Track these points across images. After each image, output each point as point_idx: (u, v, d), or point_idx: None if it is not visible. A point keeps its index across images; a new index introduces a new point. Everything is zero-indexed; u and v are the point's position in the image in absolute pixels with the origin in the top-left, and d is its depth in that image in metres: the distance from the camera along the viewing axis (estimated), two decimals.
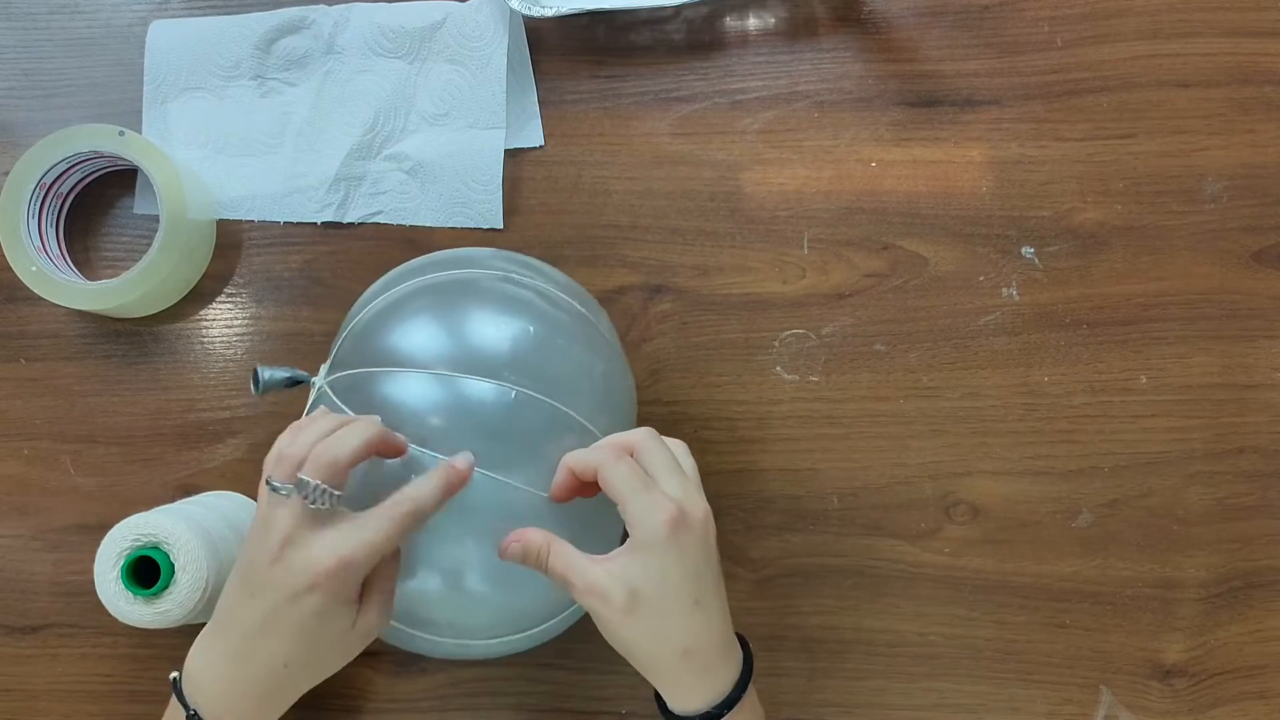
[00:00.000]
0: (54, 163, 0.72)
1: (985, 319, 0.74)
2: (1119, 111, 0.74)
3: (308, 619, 0.53)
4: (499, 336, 0.59)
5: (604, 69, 0.76)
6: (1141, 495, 0.73)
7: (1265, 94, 0.74)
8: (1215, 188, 0.74)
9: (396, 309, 0.61)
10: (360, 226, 0.76)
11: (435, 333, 0.60)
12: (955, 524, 0.73)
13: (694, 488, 0.55)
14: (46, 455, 0.76)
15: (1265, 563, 0.73)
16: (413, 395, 0.57)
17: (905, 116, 0.75)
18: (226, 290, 0.77)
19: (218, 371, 0.76)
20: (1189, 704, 0.72)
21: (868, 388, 0.74)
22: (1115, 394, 0.73)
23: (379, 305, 0.62)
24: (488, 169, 0.75)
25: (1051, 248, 0.74)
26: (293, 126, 0.77)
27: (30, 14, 0.79)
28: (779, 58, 0.76)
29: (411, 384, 0.58)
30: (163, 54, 0.77)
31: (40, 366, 0.77)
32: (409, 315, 0.61)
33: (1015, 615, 0.73)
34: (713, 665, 0.55)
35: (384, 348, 0.59)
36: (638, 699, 0.73)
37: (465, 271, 0.63)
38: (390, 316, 0.61)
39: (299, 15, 0.76)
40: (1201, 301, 0.73)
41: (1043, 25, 0.75)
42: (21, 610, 0.76)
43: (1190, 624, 0.73)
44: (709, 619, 0.55)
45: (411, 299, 0.62)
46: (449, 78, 0.76)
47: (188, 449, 0.76)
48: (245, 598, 0.54)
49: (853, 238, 0.74)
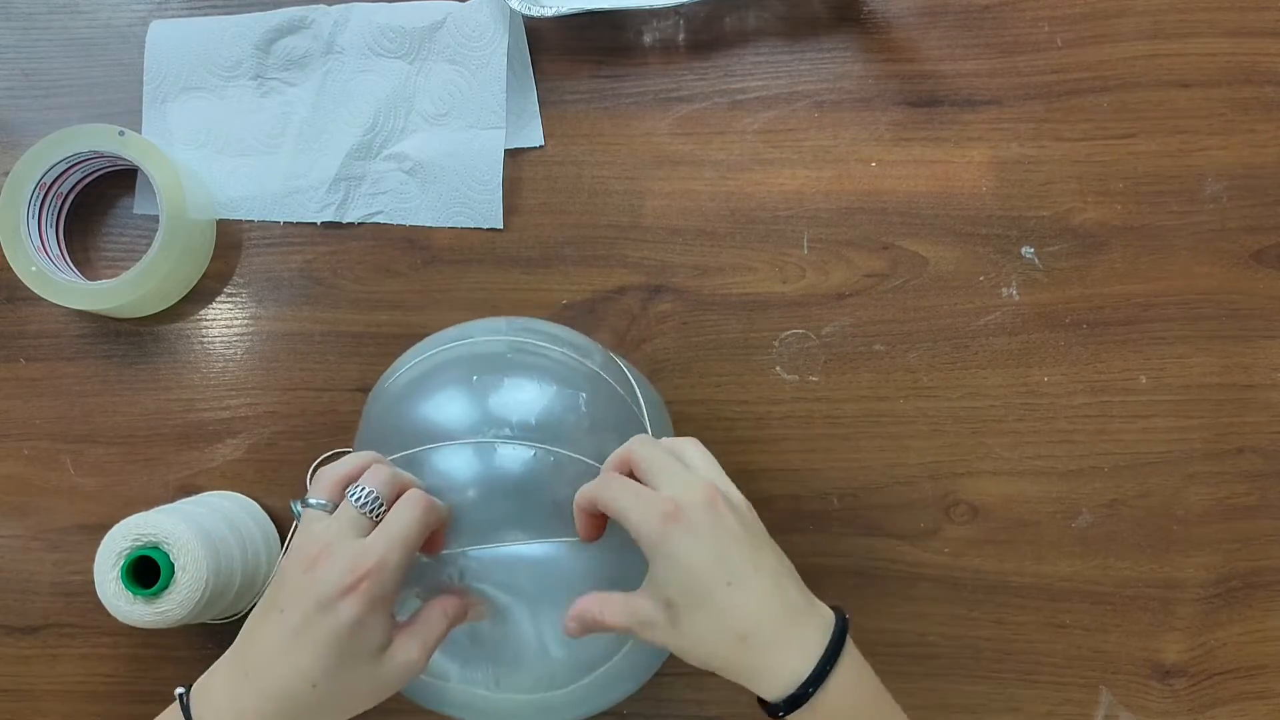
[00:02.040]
0: (54, 163, 0.72)
1: (985, 319, 0.74)
2: (1119, 111, 0.74)
3: (341, 629, 0.50)
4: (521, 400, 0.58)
5: (604, 69, 0.76)
6: (1141, 495, 0.73)
7: (1265, 94, 0.74)
8: (1215, 188, 0.74)
9: (415, 388, 0.60)
10: (360, 226, 0.76)
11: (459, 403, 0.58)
12: (955, 524, 0.73)
13: (696, 476, 0.53)
14: (46, 455, 0.76)
15: (1265, 563, 0.73)
16: (447, 468, 0.56)
17: (905, 116, 0.75)
18: (226, 290, 0.77)
19: (218, 371, 0.76)
20: (1189, 704, 0.72)
21: (868, 388, 0.74)
22: (1115, 394, 0.73)
23: (393, 389, 0.61)
24: (488, 169, 0.75)
25: (1051, 248, 0.74)
26: (293, 126, 0.77)
27: (30, 14, 0.79)
28: (779, 58, 0.76)
29: (441, 458, 0.56)
30: (162, 54, 0.77)
31: (40, 366, 0.77)
32: (429, 392, 0.59)
33: (1015, 615, 0.73)
34: (780, 640, 0.51)
35: (407, 428, 0.58)
36: (640, 699, 0.73)
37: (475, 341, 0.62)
38: (408, 397, 0.60)
39: (299, 15, 0.76)
40: (1201, 301, 0.73)
41: (1043, 25, 0.75)
42: (21, 610, 0.76)
43: (1190, 624, 0.73)
44: (752, 595, 0.51)
45: (431, 375, 0.61)
46: (449, 78, 0.76)
47: (188, 449, 0.76)
48: (273, 613, 0.51)
49: (853, 238, 0.74)
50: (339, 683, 0.51)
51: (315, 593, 0.50)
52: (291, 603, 0.51)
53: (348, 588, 0.50)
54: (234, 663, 0.53)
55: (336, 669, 0.51)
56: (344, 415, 0.75)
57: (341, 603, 0.50)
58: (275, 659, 0.51)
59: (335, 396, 0.75)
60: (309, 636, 0.50)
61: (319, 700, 0.51)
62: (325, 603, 0.50)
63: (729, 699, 0.73)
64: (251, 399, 0.76)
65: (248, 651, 0.52)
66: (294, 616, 0.51)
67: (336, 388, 0.75)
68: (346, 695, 0.52)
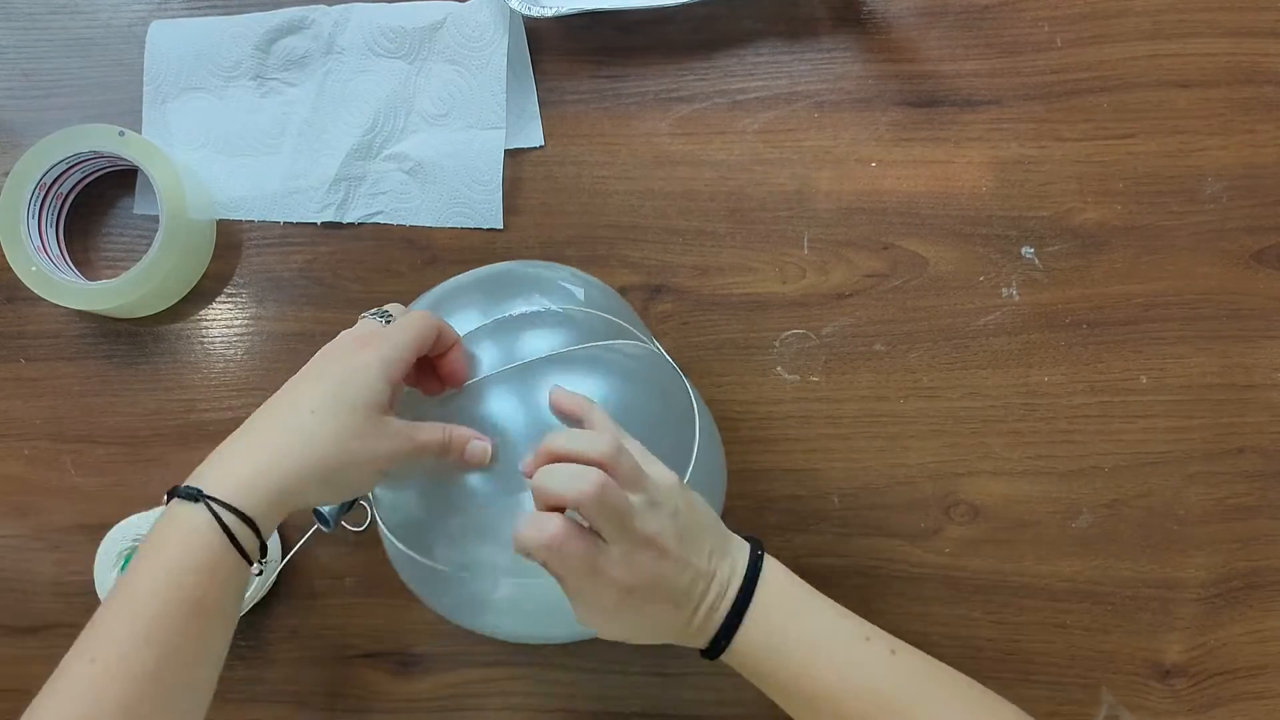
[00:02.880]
0: (54, 163, 0.72)
1: (985, 319, 0.74)
2: (1119, 111, 0.74)
3: (346, 367, 0.53)
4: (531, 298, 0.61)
5: (604, 69, 0.76)
6: (1141, 495, 0.73)
7: (1265, 94, 0.74)
8: (1215, 188, 0.74)
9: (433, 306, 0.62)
10: (360, 226, 0.76)
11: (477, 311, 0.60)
12: (955, 524, 0.73)
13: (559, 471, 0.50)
14: (46, 455, 0.76)
15: (1265, 563, 0.73)
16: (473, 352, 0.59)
17: (905, 116, 0.75)
18: (226, 290, 0.77)
19: (218, 371, 0.76)
20: (1189, 704, 0.72)
21: (868, 388, 0.74)
22: (1115, 394, 0.73)
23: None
24: (488, 169, 0.75)
25: (1051, 248, 0.74)
26: (293, 126, 0.77)
27: (30, 14, 0.79)
28: (779, 58, 0.76)
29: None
30: (163, 54, 0.77)
31: (40, 366, 0.77)
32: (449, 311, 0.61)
33: (1016, 615, 0.73)
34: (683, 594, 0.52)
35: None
36: (642, 699, 0.73)
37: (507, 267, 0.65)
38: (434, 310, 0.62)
39: (299, 15, 0.76)
40: (1201, 301, 0.73)
41: (1043, 25, 0.75)
42: (21, 610, 0.76)
43: (1190, 624, 0.73)
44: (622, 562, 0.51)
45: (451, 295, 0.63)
46: (449, 78, 0.76)
47: (188, 449, 0.76)
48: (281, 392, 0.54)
49: (853, 238, 0.74)
50: (335, 418, 0.52)
51: (324, 354, 0.55)
52: (305, 373, 0.54)
53: (356, 346, 0.54)
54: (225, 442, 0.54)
55: (331, 403, 0.52)
56: None
57: (345, 354, 0.54)
58: (279, 401, 0.54)
59: None
60: (312, 377, 0.54)
61: (317, 431, 0.52)
62: (331, 358, 0.54)
63: (738, 699, 0.73)
64: (252, 399, 0.76)
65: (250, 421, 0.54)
66: (300, 374, 0.54)
67: None
68: (343, 434, 0.52)
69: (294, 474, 0.52)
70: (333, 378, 0.53)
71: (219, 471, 0.52)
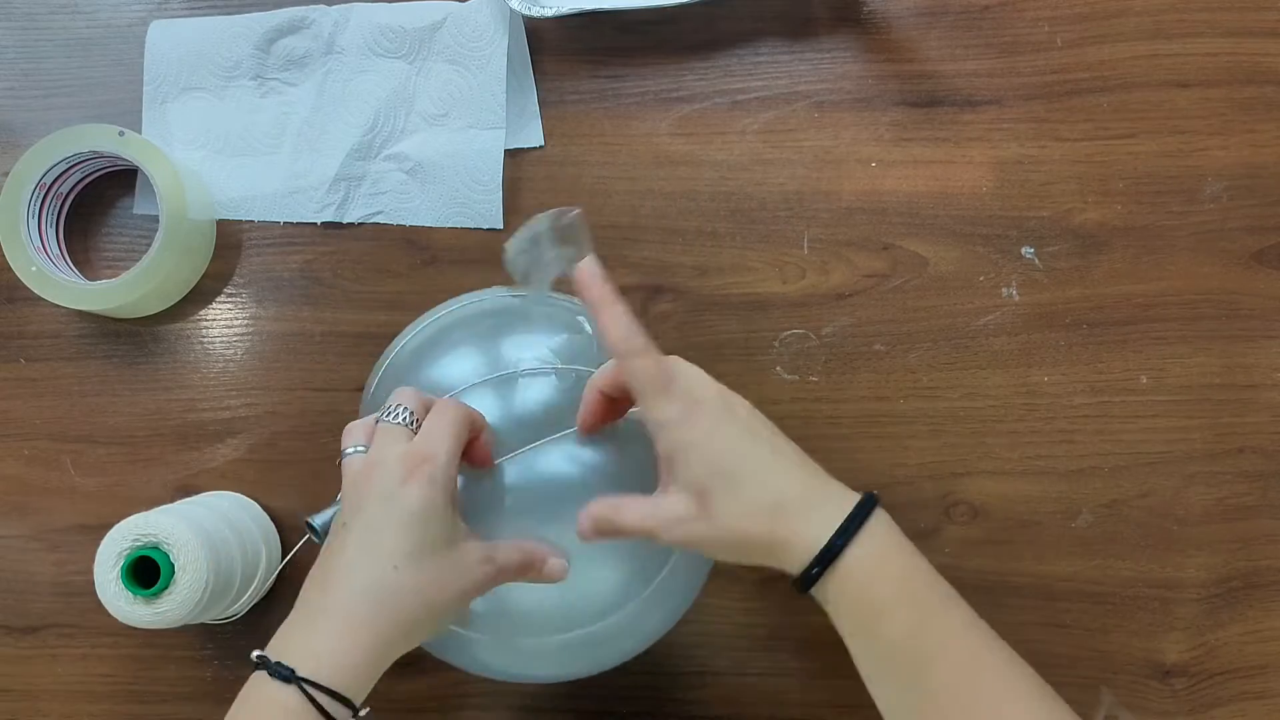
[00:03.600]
0: (54, 163, 0.72)
1: (985, 319, 0.74)
2: (1119, 111, 0.74)
3: (409, 512, 0.50)
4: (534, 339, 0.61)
5: (604, 69, 0.76)
6: (1141, 495, 0.73)
7: (1265, 94, 0.74)
8: (1215, 188, 0.74)
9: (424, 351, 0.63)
10: (360, 226, 0.76)
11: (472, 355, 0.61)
12: (955, 524, 0.73)
13: (700, 375, 0.55)
14: (46, 455, 0.76)
15: (1265, 563, 0.73)
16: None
17: (905, 116, 0.75)
18: (226, 290, 0.77)
19: (218, 371, 0.76)
20: (1189, 704, 0.72)
21: (868, 388, 0.74)
22: (1115, 394, 0.73)
23: (400, 357, 0.64)
24: (488, 169, 0.75)
25: (1051, 248, 0.74)
26: (293, 126, 0.77)
27: (30, 14, 0.79)
28: (779, 58, 0.76)
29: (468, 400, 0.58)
30: (162, 54, 0.77)
31: (40, 366, 0.77)
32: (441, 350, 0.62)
33: (1015, 615, 0.73)
34: (809, 508, 0.52)
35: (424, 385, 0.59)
36: (643, 699, 0.73)
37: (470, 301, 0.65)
38: (419, 360, 0.62)
39: (299, 15, 0.76)
40: (1201, 301, 0.73)
41: (1043, 25, 0.75)
42: (21, 610, 0.76)
43: (1190, 624, 0.73)
44: (781, 468, 0.53)
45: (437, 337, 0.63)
46: (449, 78, 0.76)
47: (188, 449, 0.76)
48: (339, 535, 0.51)
49: (853, 238, 0.74)
50: (419, 569, 0.50)
51: (376, 492, 0.50)
52: (355, 513, 0.51)
53: (406, 475, 0.51)
54: (304, 603, 0.51)
55: (412, 551, 0.50)
56: (344, 415, 0.74)
57: (403, 489, 0.50)
58: (355, 558, 0.50)
59: (335, 396, 0.75)
60: (380, 526, 0.50)
61: (404, 587, 0.50)
62: (388, 495, 0.50)
63: (739, 700, 0.73)
64: (252, 399, 0.76)
65: (325, 579, 0.51)
66: (361, 520, 0.50)
67: (336, 388, 0.75)
68: (430, 586, 0.51)
69: (385, 639, 0.50)
70: (401, 524, 0.50)
71: (306, 647, 0.50)
